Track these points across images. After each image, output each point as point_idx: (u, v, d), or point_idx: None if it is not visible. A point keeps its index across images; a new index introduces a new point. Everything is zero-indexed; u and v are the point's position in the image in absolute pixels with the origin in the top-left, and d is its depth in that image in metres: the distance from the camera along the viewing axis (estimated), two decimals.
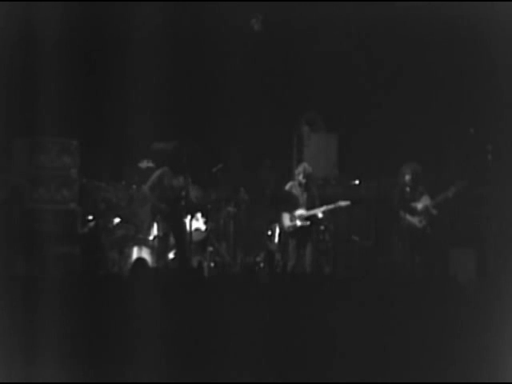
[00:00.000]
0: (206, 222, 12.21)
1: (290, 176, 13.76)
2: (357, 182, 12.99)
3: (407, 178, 11.57)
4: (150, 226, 11.74)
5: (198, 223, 12.02)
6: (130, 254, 11.55)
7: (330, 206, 11.56)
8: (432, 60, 12.84)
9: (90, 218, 11.85)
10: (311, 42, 13.07)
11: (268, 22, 13.15)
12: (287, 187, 11.71)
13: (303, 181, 11.55)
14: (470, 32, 12.11)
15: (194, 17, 12.54)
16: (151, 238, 11.69)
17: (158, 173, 11.14)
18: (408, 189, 11.57)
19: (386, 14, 12.09)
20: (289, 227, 11.57)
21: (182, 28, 12.62)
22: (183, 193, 11.00)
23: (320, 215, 11.56)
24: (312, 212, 11.50)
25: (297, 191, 11.61)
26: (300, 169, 11.70)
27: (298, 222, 11.52)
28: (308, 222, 11.52)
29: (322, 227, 12.07)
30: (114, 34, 12.32)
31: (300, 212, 11.53)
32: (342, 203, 11.58)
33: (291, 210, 11.53)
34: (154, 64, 12.15)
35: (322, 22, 12.61)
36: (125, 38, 12.06)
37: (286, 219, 11.58)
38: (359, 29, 12.77)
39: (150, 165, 12.33)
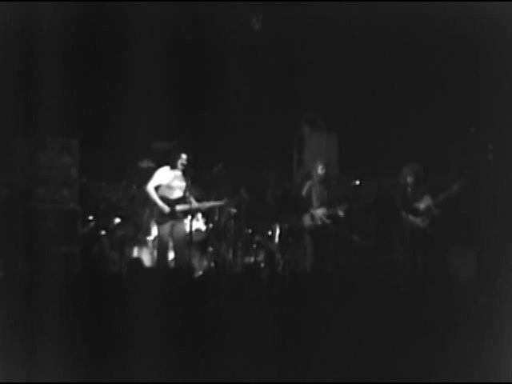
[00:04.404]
0: (206, 222, 12.20)
1: (290, 176, 13.79)
2: (357, 182, 12.98)
3: (408, 179, 11.59)
4: (150, 226, 11.74)
5: (198, 223, 12.00)
6: (130, 254, 11.55)
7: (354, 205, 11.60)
8: (432, 60, 12.84)
9: (90, 218, 11.85)
10: (311, 41, 13.07)
11: (268, 21, 13.15)
12: (306, 187, 11.68)
13: (323, 178, 11.52)
14: (471, 31, 12.10)
15: (194, 16, 12.54)
16: (151, 238, 11.69)
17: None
18: (409, 189, 11.59)
19: (386, 14, 12.08)
20: (310, 226, 11.53)
21: (182, 28, 12.62)
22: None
23: (341, 214, 11.50)
24: (334, 211, 11.45)
25: (317, 190, 11.58)
26: (317, 167, 11.64)
27: (320, 221, 11.48)
28: (329, 221, 11.48)
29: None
30: (114, 34, 12.33)
31: (321, 211, 11.48)
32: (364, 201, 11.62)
33: (312, 209, 11.50)
34: (155, 64, 12.15)
35: (322, 22, 12.61)
36: (125, 38, 12.06)
37: (307, 218, 11.54)
38: (359, 28, 12.77)
39: (151, 165, 12.32)
